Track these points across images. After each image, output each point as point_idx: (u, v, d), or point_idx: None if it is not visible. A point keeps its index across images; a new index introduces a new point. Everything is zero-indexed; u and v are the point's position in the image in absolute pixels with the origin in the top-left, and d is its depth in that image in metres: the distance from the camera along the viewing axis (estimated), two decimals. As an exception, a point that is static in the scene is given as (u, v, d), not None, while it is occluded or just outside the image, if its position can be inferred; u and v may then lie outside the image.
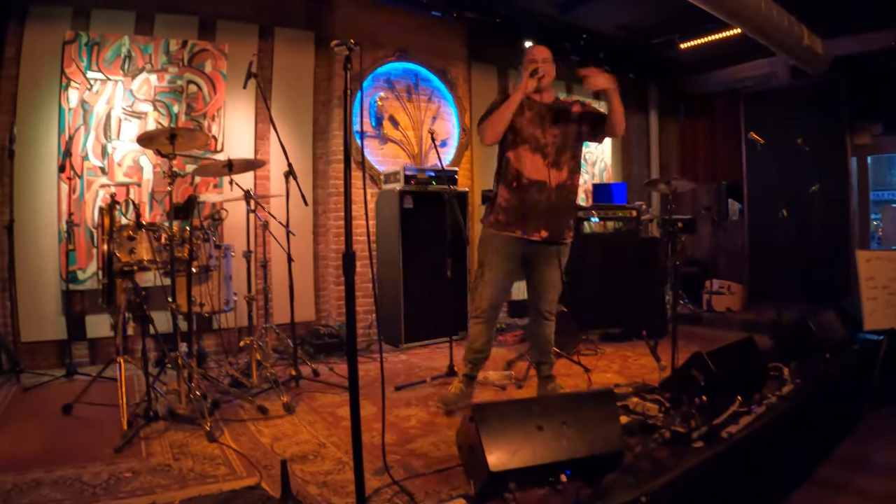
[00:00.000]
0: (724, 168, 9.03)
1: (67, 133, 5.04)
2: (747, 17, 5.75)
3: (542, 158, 3.73)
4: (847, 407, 4.18)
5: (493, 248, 3.82)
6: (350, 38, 2.49)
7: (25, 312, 4.94)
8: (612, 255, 6.26)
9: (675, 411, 3.17)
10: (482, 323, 3.87)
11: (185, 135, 3.71)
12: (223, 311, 4.48)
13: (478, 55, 7.25)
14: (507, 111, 3.62)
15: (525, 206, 3.72)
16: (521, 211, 3.73)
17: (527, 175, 3.71)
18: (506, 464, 2.39)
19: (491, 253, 3.82)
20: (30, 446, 3.30)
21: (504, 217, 3.77)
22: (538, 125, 3.74)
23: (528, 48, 3.93)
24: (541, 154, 3.72)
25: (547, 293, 3.90)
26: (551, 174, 3.74)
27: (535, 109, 3.77)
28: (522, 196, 3.72)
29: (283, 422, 3.72)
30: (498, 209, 3.81)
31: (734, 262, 8.45)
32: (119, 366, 3.78)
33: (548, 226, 3.74)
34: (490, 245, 3.83)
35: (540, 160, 3.72)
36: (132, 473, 2.92)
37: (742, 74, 8.71)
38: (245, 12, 5.86)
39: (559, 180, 3.77)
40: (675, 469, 2.64)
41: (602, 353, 5.48)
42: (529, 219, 3.72)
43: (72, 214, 4.99)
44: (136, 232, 3.78)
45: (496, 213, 3.82)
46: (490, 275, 3.81)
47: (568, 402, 2.69)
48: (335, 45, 2.50)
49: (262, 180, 5.81)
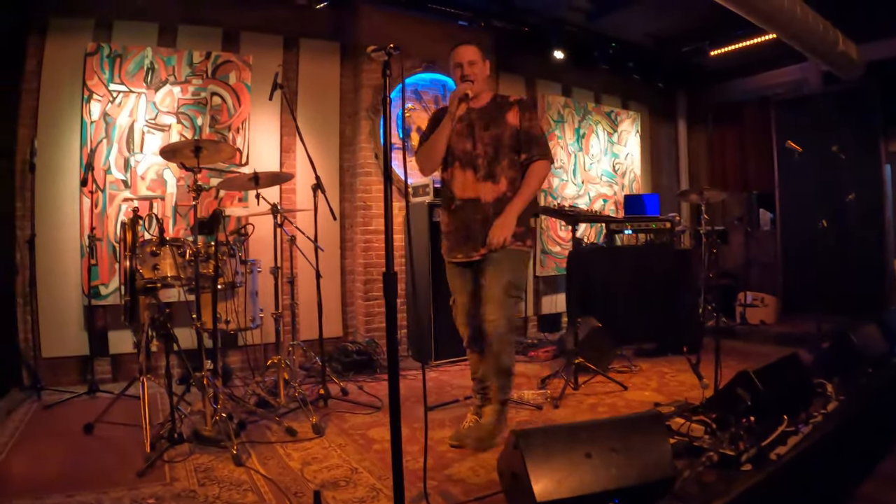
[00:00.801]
0: (754, 177, 8.84)
1: (90, 146, 4.99)
2: (782, 22, 5.63)
3: (474, 173, 3.44)
4: (889, 422, 4.04)
5: (449, 276, 3.66)
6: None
7: (47, 328, 4.89)
8: (644, 268, 6.13)
9: (721, 433, 3.04)
10: (474, 352, 3.65)
11: (210, 147, 3.61)
12: (249, 328, 4.38)
13: (506, 65, 7.16)
14: (441, 138, 3.40)
15: (463, 228, 3.48)
16: (462, 234, 3.49)
17: (459, 196, 3.49)
18: (552, 493, 2.25)
19: (451, 280, 3.65)
20: (49, 468, 3.21)
21: (448, 243, 3.59)
22: (468, 136, 3.46)
23: (453, 49, 3.54)
24: (472, 169, 3.44)
25: (484, 309, 3.47)
26: (485, 189, 3.44)
27: (466, 119, 3.49)
28: (460, 218, 3.49)
29: (313, 444, 3.58)
30: (443, 235, 3.64)
31: (767, 274, 8.26)
32: (142, 385, 3.66)
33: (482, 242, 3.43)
34: (449, 271, 3.66)
35: (471, 176, 3.43)
36: (155, 500, 2.80)
37: (772, 81, 8.55)
38: (269, 23, 5.79)
39: (497, 194, 3.45)
40: (725, 494, 2.50)
41: (638, 369, 5.31)
42: (469, 241, 3.46)
43: (94, 229, 4.90)
44: (159, 247, 3.69)
45: (442, 239, 3.66)
46: (459, 301, 3.62)
47: (617, 427, 2.54)
48: (372, 51, 2.39)
49: (289, 193, 5.74)
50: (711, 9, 5.34)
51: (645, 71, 8.29)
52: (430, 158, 3.46)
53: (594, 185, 8.19)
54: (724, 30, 7.01)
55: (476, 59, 3.46)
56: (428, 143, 3.46)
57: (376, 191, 6.08)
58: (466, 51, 3.46)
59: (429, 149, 3.45)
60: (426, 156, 3.48)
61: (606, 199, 8.32)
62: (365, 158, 6.07)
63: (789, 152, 5.70)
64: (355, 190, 6.09)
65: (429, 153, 3.45)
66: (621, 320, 5.64)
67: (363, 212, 6.04)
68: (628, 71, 8.07)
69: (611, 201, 8.34)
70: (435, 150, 3.42)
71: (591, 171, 8.17)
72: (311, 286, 4.57)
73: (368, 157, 6.07)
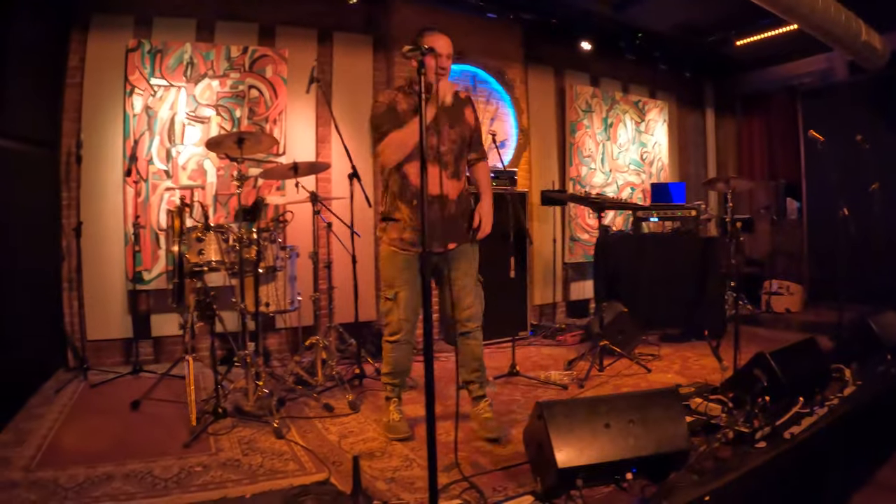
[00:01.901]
0: (781, 166, 8.86)
1: (132, 138, 5.19)
2: (803, 13, 5.62)
3: (441, 169, 3.34)
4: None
5: (396, 268, 3.48)
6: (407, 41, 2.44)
7: (92, 312, 5.08)
8: (670, 256, 6.24)
9: (737, 411, 3.19)
10: (404, 344, 3.55)
11: (251, 138, 3.80)
12: (288, 311, 4.58)
13: (534, 56, 7.26)
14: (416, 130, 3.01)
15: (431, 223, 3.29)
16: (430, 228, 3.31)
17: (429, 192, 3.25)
18: (573, 461, 2.41)
19: (396, 273, 3.48)
20: (100, 441, 3.38)
21: (409, 235, 3.43)
22: (434, 132, 3.33)
23: (426, 35, 3.35)
24: (439, 164, 3.31)
25: (464, 300, 3.55)
26: (451, 186, 3.46)
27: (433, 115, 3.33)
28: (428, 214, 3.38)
29: (349, 419, 3.79)
30: (402, 227, 3.44)
31: (793, 262, 8.29)
32: (188, 364, 3.88)
33: (452, 237, 3.49)
34: (395, 264, 3.49)
35: (436, 172, 3.25)
36: (202, 468, 3.00)
37: (799, 71, 8.54)
38: (304, 18, 5.95)
39: (458, 191, 3.52)
40: (738, 469, 2.63)
41: (662, 354, 5.43)
42: (433, 236, 3.28)
43: (138, 217, 5.13)
44: (204, 234, 3.88)
45: (399, 231, 3.45)
46: (402, 294, 3.47)
47: (635, 400, 2.68)
48: (408, 51, 2.44)
49: (324, 182, 5.91)
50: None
51: (671, 61, 8.33)
52: (403, 151, 3.33)
53: (622, 173, 8.27)
54: (749, 20, 7.01)
55: (451, 53, 3.40)
56: (403, 135, 3.30)
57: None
58: (446, 43, 3.37)
59: (403, 141, 3.30)
60: (400, 148, 3.33)
61: (634, 187, 8.40)
62: (397, 148, 6.20)
63: (816, 142, 5.75)
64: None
65: (403, 146, 3.32)
66: (647, 306, 5.76)
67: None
68: (655, 61, 8.11)
69: (638, 190, 8.42)
70: (410, 143, 3.28)
71: (619, 159, 8.25)
72: (346, 271, 4.75)
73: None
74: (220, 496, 2.70)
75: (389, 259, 3.52)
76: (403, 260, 3.47)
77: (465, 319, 3.56)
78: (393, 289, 3.50)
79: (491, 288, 5.83)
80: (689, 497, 2.41)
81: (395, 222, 3.47)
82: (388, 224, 3.51)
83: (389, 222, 3.50)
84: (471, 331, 3.59)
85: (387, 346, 3.58)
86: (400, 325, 3.50)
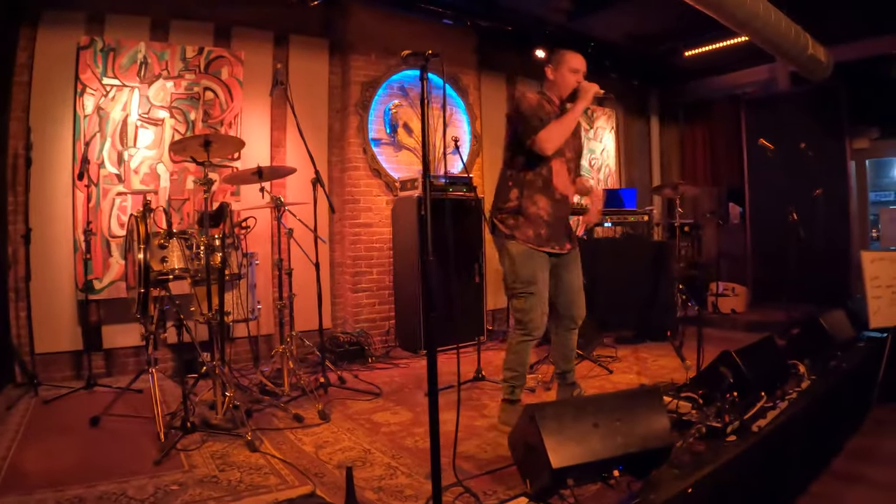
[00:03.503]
0: (724, 172, 9.16)
1: (83, 140, 4.99)
2: (756, 27, 5.78)
3: (568, 174, 3.74)
4: (856, 402, 4.34)
5: (537, 265, 3.61)
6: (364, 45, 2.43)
7: (40, 323, 4.87)
8: (623, 260, 6.37)
9: (708, 408, 3.28)
10: (534, 341, 3.68)
11: (219, 141, 3.72)
12: (249, 320, 4.49)
13: (488, 63, 7.31)
14: (574, 122, 3.57)
15: (556, 221, 3.67)
16: (557, 226, 3.67)
17: (561, 191, 3.68)
18: (566, 460, 2.43)
19: (536, 270, 3.60)
20: (64, 461, 3.24)
21: (546, 231, 3.62)
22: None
23: (567, 54, 3.74)
24: (566, 168, 3.72)
25: (578, 300, 3.82)
26: (571, 190, 3.81)
27: None
28: (557, 211, 3.67)
29: (322, 429, 3.71)
30: (538, 223, 3.62)
31: (737, 265, 8.55)
32: (152, 376, 3.74)
33: (568, 237, 3.78)
34: (534, 262, 3.60)
35: (566, 175, 3.72)
36: (178, 486, 2.88)
37: (742, 80, 8.84)
38: (260, 19, 5.86)
39: (573, 196, 3.87)
40: (714, 461, 2.77)
41: (619, 355, 5.52)
42: (560, 234, 3.70)
43: (89, 223, 4.91)
44: (167, 240, 3.77)
45: (535, 227, 3.61)
46: (541, 290, 3.60)
47: (620, 400, 2.74)
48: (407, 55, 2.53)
49: (279, 188, 5.80)
50: (689, 10, 5.48)
51: (621, 69, 8.51)
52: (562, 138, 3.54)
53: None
54: (699, 31, 7.20)
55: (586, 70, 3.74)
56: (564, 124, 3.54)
57: (365, 185, 6.22)
58: (583, 60, 3.72)
59: (565, 130, 3.54)
60: (562, 134, 3.53)
61: (584, 192, 8.51)
62: (354, 153, 6.19)
63: (759, 149, 5.95)
64: (344, 184, 6.21)
65: (563, 133, 3.53)
66: (602, 309, 5.81)
67: (351, 205, 6.16)
68: (605, 69, 8.27)
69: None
70: (568, 134, 3.56)
71: (570, 166, 8.34)
72: (304, 278, 4.70)
73: (357, 152, 6.20)
74: (203, 515, 2.61)
75: (527, 257, 3.61)
76: (540, 257, 3.63)
77: (578, 318, 3.85)
78: (534, 285, 3.60)
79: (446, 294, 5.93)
80: (674, 490, 2.52)
81: (527, 217, 3.61)
82: (518, 219, 3.63)
83: (520, 217, 3.62)
84: (577, 327, 3.88)
85: (522, 345, 3.67)
86: (542, 320, 3.64)
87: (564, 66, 3.68)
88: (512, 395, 3.68)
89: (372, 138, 6.24)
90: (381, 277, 6.26)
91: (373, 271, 6.26)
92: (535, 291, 3.59)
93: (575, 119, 3.56)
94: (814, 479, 3.34)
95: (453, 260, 5.86)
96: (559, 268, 3.74)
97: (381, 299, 6.25)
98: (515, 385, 3.69)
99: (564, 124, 3.53)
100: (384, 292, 6.25)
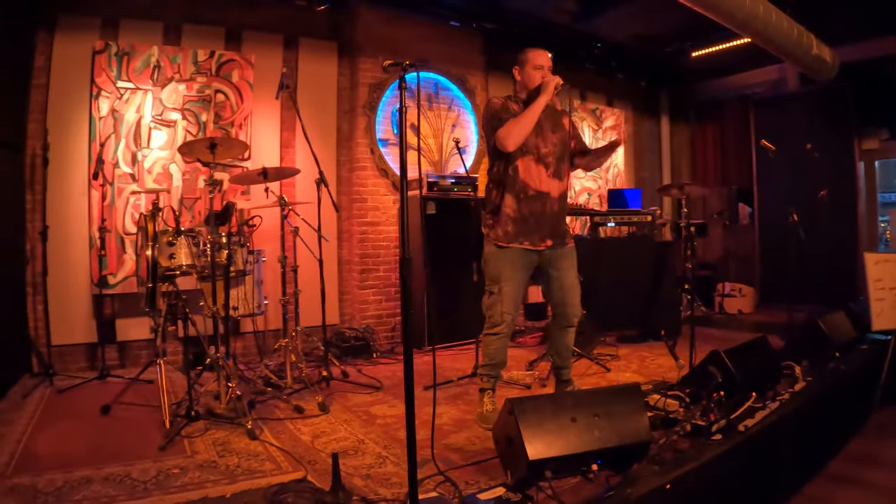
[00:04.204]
0: (734, 173, 9.18)
1: (98, 141, 5.18)
2: (757, 28, 5.80)
3: (545, 169, 3.74)
4: (857, 404, 4.30)
5: (506, 263, 3.73)
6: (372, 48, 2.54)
7: (56, 316, 5.02)
8: (627, 259, 6.43)
9: (694, 406, 3.31)
10: (504, 338, 3.77)
11: (224, 143, 3.85)
12: (256, 314, 4.63)
13: (495, 63, 7.38)
14: (534, 116, 3.58)
15: (532, 217, 3.71)
16: (529, 223, 3.71)
17: (533, 187, 3.71)
18: (543, 453, 2.50)
19: (504, 267, 3.72)
20: (74, 445, 3.39)
21: (513, 228, 3.72)
22: (538, 134, 3.71)
23: (530, 52, 3.82)
24: (543, 165, 3.73)
25: (571, 297, 3.85)
26: (553, 185, 3.78)
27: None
28: (530, 208, 3.71)
29: (320, 420, 3.85)
30: (505, 220, 3.73)
31: (745, 266, 8.57)
32: (159, 367, 3.90)
33: (551, 234, 3.77)
34: (502, 259, 3.73)
35: (543, 171, 3.73)
36: (180, 470, 3.04)
37: (752, 80, 8.85)
38: (270, 23, 6.00)
39: (560, 190, 3.83)
40: (696, 459, 2.78)
41: (620, 354, 5.59)
42: (535, 231, 3.72)
43: (104, 221, 5.12)
44: (175, 238, 3.93)
45: (503, 224, 3.74)
46: (507, 288, 3.70)
47: (599, 396, 2.80)
48: (388, 65, 2.59)
49: (288, 187, 5.94)
50: (693, 13, 5.53)
51: (629, 70, 8.58)
52: (522, 134, 3.60)
53: (579, 179, 8.45)
54: (704, 32, 7.22)
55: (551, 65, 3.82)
56: (524, 120, 3.59)
57: (372, 185, 6.35)
58: (547, 56, 3.80)
59: (524, 125, 3.59)
60: (521, 130, 3.59)
61: (591, 193, 8.60)
62: (361, 154, 6.32)
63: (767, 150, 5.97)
64: (352, 184, 6.33)
65: (523, 129, 3.59)
66: (605, 308, 5.90)
67: (359, 204, 6.29)
68: (612, 70, 8.34)
69: (595, 195, 8.62)
70: (528, 127, 3.60)
71: (577, 166, 8.41)
72: (311, 275, 4.82)
73: (365, 153, 6.33)
74: (201, 496, 2.74)
75: (495, 256, 3.76)
76: (508, 255, 3.72)
77: (573, 315, 3.88)
78: (497, 283, 3.72)
79: (453, 291, 6.06)
80: (651, 485, 2.55)
81: (500, 216, 3.74)
82: (495, 219, 3.78)
83: (496, 216, 3.77)
84: (574, 325, 3.91)
85: (487, 339, 3.80)
86: (502, 317, 3.71)
87: (528, 64, 3.78)
88: (482, 382, 3.87)
89: (379, 139, 6.37)
90: (387, 275, 6.39)
91: (380, 269, 6.39)
92: (497, 290, 3.73)
93: (534, 113, 3.58)
94: (808, 481, 3.35)
95: (457, 259, 5.99)
96: (546, 265, 3.81)
97: (387, 296, 6.38)
98: (483, 374, 3.86)
99: (522, 120, 3.60)
100: (391, 289, 6.37)
